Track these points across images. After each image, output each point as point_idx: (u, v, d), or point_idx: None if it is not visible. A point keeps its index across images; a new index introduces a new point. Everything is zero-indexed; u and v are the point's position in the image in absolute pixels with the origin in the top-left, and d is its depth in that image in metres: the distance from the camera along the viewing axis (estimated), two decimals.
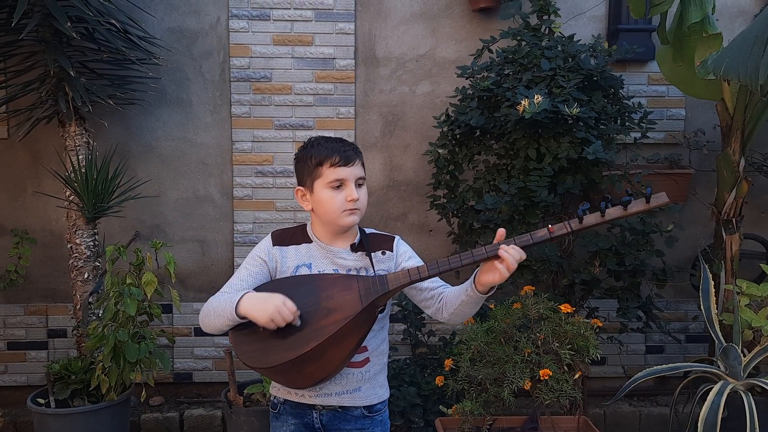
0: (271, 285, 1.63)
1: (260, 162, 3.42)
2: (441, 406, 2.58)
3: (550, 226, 1.53)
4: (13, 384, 3.40)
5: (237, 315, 1.51)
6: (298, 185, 1.71)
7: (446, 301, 1.65)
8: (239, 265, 1.71)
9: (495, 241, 1.53)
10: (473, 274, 1.57)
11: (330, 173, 1.62)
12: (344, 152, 1.63)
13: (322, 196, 1.63)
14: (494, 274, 1.50)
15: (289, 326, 1.50)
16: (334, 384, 1.65)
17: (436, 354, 3.12)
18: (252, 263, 1.68)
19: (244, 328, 1.54)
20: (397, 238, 1.74)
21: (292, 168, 3.37)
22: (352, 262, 1.67)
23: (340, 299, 1.54)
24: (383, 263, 1.68)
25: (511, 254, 1.49)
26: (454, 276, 3.03)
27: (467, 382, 2.36)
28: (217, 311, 1.57)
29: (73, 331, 3.16)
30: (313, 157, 1.64)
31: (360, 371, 1.66)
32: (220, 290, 1.64)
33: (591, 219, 1.52)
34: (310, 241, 1.70)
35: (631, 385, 2.59)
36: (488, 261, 1.52)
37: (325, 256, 1.67)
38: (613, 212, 1.52)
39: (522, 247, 1.51)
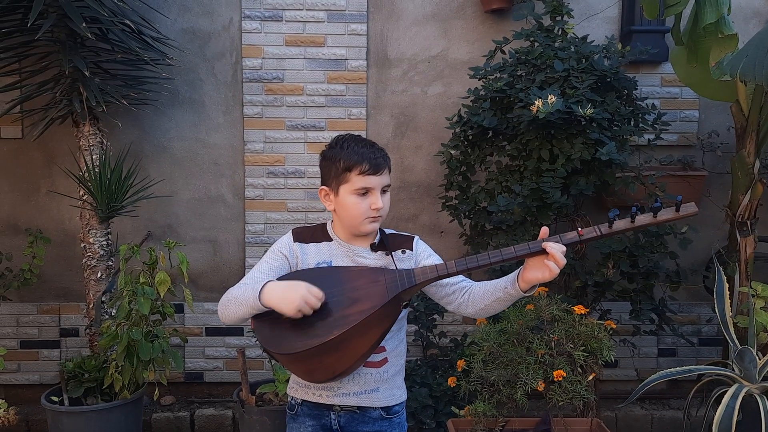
0: (295, 275, 1.61)
1: (272, 162, 3.43)
2: (453, 408, 2.57)
3: (579, 228, 1.53)
4: (25, 382, 3.43)
5: (261, 304, 1.49)
6: (322, 184, 1.69)
7: (473, 296, 1.64)
8: (251, 266, 1.70)
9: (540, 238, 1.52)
10: (516, 273, 1.56)
11: (358, 180, 1.60)
12: (374, 160, 1.61)
13: (346, 201, 1.62)
14: (543, 271, 1.49)
15: (314, 313, 1.49)
16: (352, 383, 1.64)
17: (447, 355, 3.11)
18: (273, 257, 1.67)
19: (267, 314, 1.53)
20: (416, 237, 1.74)
21: (303, 168, 3.42)
22: (373, 261, 1.66)
23: (365, 290, 1.52)
24: (403, 262, 1.67)
25: (557, 248, 1.48)
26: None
27: (480, 383, 2.35)
28: (238, 299, 1.55)
29: (85, 330, 3.18)
30: (342, 160, 1.61)
31: (378, 371, 1.66)
32: (240, 282, 1.62)
33: (621, 224, 1.52)
34: (331, 240, 1.69)
35: (644, 387, 2.57)
36: (532, 258, 1.51)
37: (346, 255, 1.67)
38: (643, 219, 1.52)
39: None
